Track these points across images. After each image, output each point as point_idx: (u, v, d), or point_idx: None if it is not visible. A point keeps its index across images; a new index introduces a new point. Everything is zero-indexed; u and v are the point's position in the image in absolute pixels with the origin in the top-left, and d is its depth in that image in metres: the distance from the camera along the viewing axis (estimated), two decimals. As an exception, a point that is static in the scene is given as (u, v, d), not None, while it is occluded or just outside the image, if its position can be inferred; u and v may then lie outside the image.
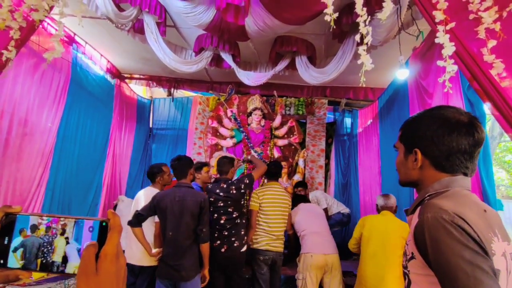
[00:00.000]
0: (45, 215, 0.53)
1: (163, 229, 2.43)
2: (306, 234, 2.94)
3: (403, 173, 0.93)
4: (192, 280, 2.35)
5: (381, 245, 2.36)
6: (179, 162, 2.56)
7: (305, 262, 2.82)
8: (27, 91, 3.10)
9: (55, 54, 1.51)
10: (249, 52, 3.96)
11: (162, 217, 2.43)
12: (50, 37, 3.27)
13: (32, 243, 0.52)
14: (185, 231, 2.37)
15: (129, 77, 5.04)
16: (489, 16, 1.49)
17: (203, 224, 2.42)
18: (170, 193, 2.46)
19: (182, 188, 2.48)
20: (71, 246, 0.52)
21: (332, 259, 2.82)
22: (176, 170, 2.57)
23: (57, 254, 0.51)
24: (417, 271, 0.80)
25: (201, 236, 2.40)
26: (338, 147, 5.37)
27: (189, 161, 2.64)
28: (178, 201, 2.40)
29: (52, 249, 0.52)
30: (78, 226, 0.52)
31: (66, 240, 0.52)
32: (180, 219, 2.36)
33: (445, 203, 0.75)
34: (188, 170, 2.57)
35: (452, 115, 0.84)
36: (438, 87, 2.62)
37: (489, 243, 0.71)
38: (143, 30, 3.23)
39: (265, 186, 3.11)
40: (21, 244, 0.52)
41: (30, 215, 0.53)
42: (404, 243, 2.46)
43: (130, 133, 5.10)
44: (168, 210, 2.38)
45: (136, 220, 2.41)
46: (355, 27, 2.97)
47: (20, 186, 3.09)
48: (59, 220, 0.53)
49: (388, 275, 2.23)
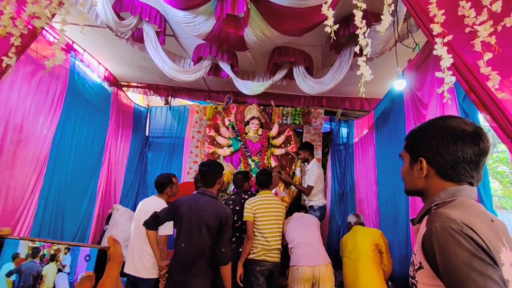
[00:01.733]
0: (37, 240, 0.47)
1: (176, 239, 2.16)
2: (294, 245, 2.88)
3: (409, 182, 0.94)
4: None
5: (352, 251, 2.80)
6: (209, 169, 2.28)
7: (292, 275, 2.78)
8: (23, 97, 3.08)
9: (56, 61, 1.50)
10: (247, 62, 4.00)
11: (178, 225, 2.17)
12: (48, 44, 3.27)
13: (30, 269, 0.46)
14: (198, 245, 2.08)
15: (127, 85, 5.04)
16: (485, 29, 1.54)
17: (222, 243, 2.09)
18: (191, 199, 2.20)
19: (205, 197, 2.20)
20: (63, 276, 0.45)
21: (320, 270, 2.72)
22: (205, 177, 2.29)
23: (46, 284, 0.45)
24: (425, 281, 0.79)
25: (220, 257, 2.09)
26: (334, 156, 5.40)
27: (220, 169, 2.34)
28: (196, 210, 2.12)
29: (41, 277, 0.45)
30: (73, 254, 0.46)
31: (58, 269, 0.46)
32: (195, 231, 2.08)
33: (453, 213, 0.75)
34: (218, 179, 2.29)
35: (457, 125, 0.85)
36: (433, 98, 2.67)
37: (498, 253, 0.71)
38: (142, 38, 3.25)
39: (257, 196, 3.04)
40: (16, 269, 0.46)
41: (19, 239, 0.48)
42: (373, 245, 2.73)
43: (126, 141, 5.07)
44: (185, 219, 2.12)
45: (152, 222, 2.17)
46: (352, 39, 3.04)
47: (13, 194, 3.02)
48: (51, 245, 0.47)
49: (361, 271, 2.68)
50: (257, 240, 2.89)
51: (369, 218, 4.37)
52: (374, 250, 2.76)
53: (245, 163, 4.73)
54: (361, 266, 2.70)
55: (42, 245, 0.47)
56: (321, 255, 2.86)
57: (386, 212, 3.81)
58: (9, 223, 3.00)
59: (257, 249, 2.88)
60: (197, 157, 4.99)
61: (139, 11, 2.95)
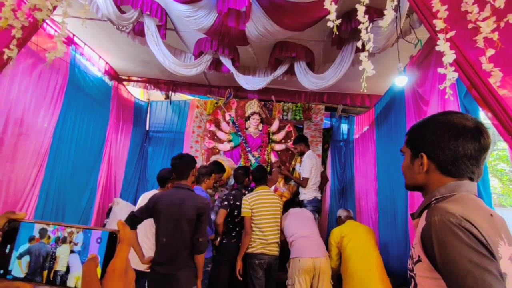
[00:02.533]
0: (51, 223, 0.49)
1: (157, 234, 2.21)
2: (295, 239, 2.93)
3: (409, 177, 0.94)
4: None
5: (360, 244, 2.82)
6: (181, 161, 2.33)
7: (293, 267, 2.81)
8: (24, 91, 3.07)
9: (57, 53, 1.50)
10: (248, 56, 3.98)
11: (157, 221, 2.21)
12: (49, 37, 3.25)
13: (39, 250, 0.48)
14: (180, 238, 2.13)
15: (127, 79, 5.03)
16: (487, 26, 1.53)
17: (200, 233, 2.16)
18: (168, 195, 2.26)
19: (180, 190, 2.25)
20: (75, 256, 0.48)
21: (320, 262, 2.79)
22: (177, 170, 2.34)
23: (60, 264, 0.47)
24: (423, 274, 0.80)
25: (197, 247, 2.15)
26: (334, 153, 5.40)
27: (192, 160, 2.39)
28: (175, 205, 2.17)
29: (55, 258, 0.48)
30: (86, 236, 0.48)
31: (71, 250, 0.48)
32: (175, 224, 2.13)
33: (452, 207, 0.76)
34: (190, 171, 2.34)
35: (458, 121, 0.85)
36: (434, 95, 2.67)
37: (496, 247, 0.72)
38: (143, 32, 3.24)
39: (254, 192, 3.08)
40: (27, 251, 0.48)
41: (35, 223, 0.49)
42: (373, 240, 2.76)
43: (126, 136, 5.07)
44: (164, 214, 2.16)
45: (130, 222, 2.17)
46: (353, 34, 3.03)
47: (14, 187, 3.04)
48: (65, 228, 0.49)
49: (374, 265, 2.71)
50: (255, 235, 2.93)
51: (368, 214, 4.39)
52: (376, 245, 2.88)
53: (245, 158, 4.74)
54: (373, 261, 2.75)
55: (56, 228, 0.49)
56: (321, 247, 2.92)
57: (386, 209, 3.83)
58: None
59: (255, 243, 2.92)
60: (197, 152, 4.99)
61: (140, 5, 2.93)
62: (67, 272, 0.47)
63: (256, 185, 3.20)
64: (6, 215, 0.49)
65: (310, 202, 3.93)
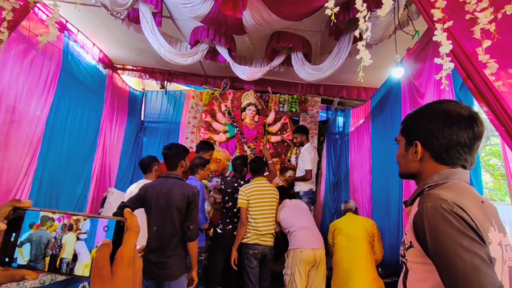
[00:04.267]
0: (57, 211, 0.48)
1: (148, 223, 2.24)
2: (295, 230, 2.96)
3: (403, 165, 0.95)
4: (177, 280, 2.15)
5: (348, 236, 2.88)
6: (171, 151, 2.35)
7: (294, 257, 2.84)
8: (15, 77, 3.01)
9: (49, 37, 1.46)
10: (245, 46, 3.94)
11: (147, 210, 2.25)
12: (41, 22, 3.17)
13: (40, 238, 0.47)
14: (170, 227, 2.18)
15: (122, 68, 4.95)
16: (485, 17, 1.53)
17: (191, 221, 2.19)
18: (157, 184, 2.28)
19: (170, 179, 2.28)
20: (81, 243, 0.47)
21: (320, 253, 2.87)
22: (167, 159, 2.36)
23: (66, 251, 0.47)
24: (414, 259, 0.81)
25: (188, 234, 2.19)
26: (329, 145, 5.41)
27: (183, 150, 2.41)
28: (164, 194, 2.20)
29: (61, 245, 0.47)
30: (92, 224, 0.48)
31: (77, 237, 0.48)
32: (166, 213, 2.18)
33: (444, 193, 0.76)
34: (180, 161, 2.36)
35: (453, 109, 0.86)
36: (430, 88, 2.67)
37: (486, 232, 0.73)
38: (138, 19, 3.17)
39: (251, 183, 3.11)
40: (27, 238, 0.47)
41: (40, 211, 0.49)
42: (367, 233, 2.80)
43: (121, 125, 5.01)
44: (153, 203, 2.20)
45: (120, 212, 2.18)
46: (351, 25, 3.01)
47: (6, 175, 3.00)
48: (71, 216, 0.48)
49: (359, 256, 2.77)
50: (250, 226, 2.97)
51: (362, 206, 4.44)
52: (368, 238, 2.87)
53: (240, 149, 4.74)
54: (358, 252, 2.78)
55: (62, 215, 0.49)
56: (320, 239, 2.99)
57: (379, 201, 3.87)
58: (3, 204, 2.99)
59: (250, 233, 2.96)
60: (192, 143, 4.97)
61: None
62: (74, 260, 0.47)
63: (252, 176, 3.22)
64: (11, 203, 0.48)
65: (306, 193, 3.97)
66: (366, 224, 2.97)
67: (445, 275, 0.70)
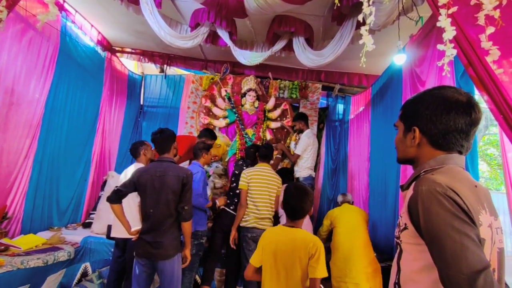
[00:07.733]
0: None
1: (143, 206, 2.31)
2: (282, 214, 3.03)
3: (401, 151, 0.97)
4: (171, 259, 2.23)
5: (348, 222, 3.02)
6: (161, 136, 2.39)
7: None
8: (13, 58, 2.98)
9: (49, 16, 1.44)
10: (246, 30, 3.88)
11: (142, 194, 2.31)
12: (37, 1, 3.11)
13: None
14: (165, 208, 2.24)
15: (121, 50, 4.88)
16: (490, 3, 1.51)
17: (185, 202, 2.27)
18: (151, 168, 2.33)
19: (163, 163, 2.33)
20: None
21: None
22: (158, 144, 2.41)
23: None
24: (408, 240, 0.84)
25: (182, 214, 2.26)
26: (329, 132, 5.42)
27: (172, 135, 2.47)
28: (158, 177, 2.25)
29: None
30: None
31: None
32: (160, 195, 2.23)
33: (439, 177, 0.78)
34: (172, 145, 2.42)
35: (451, 95, 0.86)
36: (431, 75, 2.66)
37: (477, 215, 0.75)
38: (137, 0, 3.11)
39: (255, 168, 3.18)
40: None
41: None
42: (363, 219, 2.95)
43: (120, 109, 4.99)
44: (148, 186, 2.25)
45: (115, 196, 2.25)
46: (354, 10, 2.95)
47: (7, 157, 3.02)
48: None
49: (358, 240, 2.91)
50: (249, 209, 3.02)
51: (359, 193, 4.49)
52: (365, 224, 3.05)
53: (240, 135, 4.75)
54: (357, 236, 2.93)
55: None
56: (309, 227, 3.11)
57: (376, 188, 3.91)
58: (4, 187, 3.02)
59: (249, 217, 3.01)
60: (192, 127, 4.97)
61: (134, -30, 2.80)
62: None
63: (259, 161, 3.28)
64: None
65: (306, 179, 4.06)
66: (362, 213, 3.17)
67: (436, 254, 0.73)
